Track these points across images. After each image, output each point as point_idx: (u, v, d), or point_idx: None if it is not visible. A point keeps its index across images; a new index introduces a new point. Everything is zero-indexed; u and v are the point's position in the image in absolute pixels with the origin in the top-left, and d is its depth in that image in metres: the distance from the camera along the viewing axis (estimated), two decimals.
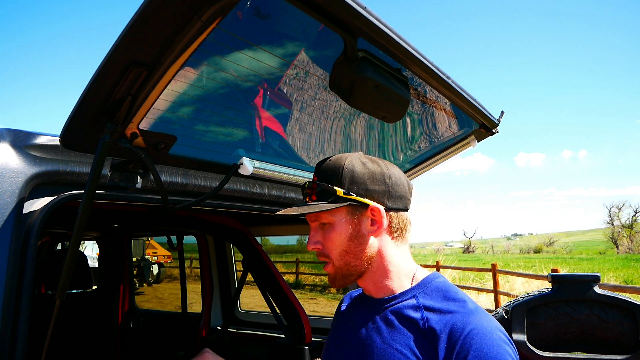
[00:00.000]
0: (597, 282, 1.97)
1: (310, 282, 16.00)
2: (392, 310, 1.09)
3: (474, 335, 0.92)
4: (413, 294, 1.10)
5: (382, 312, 1.11)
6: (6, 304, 1.01)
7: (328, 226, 1.09)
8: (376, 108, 1.25)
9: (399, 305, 1.09)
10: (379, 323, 1.09)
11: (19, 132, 1.16)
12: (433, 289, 1.09)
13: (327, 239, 1.10)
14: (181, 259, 3.81)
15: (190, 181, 1.48)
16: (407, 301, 1.09)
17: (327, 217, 1.09)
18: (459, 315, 0.98)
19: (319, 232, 1.11)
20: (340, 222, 1.08)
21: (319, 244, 1.11)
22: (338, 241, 1.08)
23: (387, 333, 1.05)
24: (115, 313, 4.07)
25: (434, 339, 0.96)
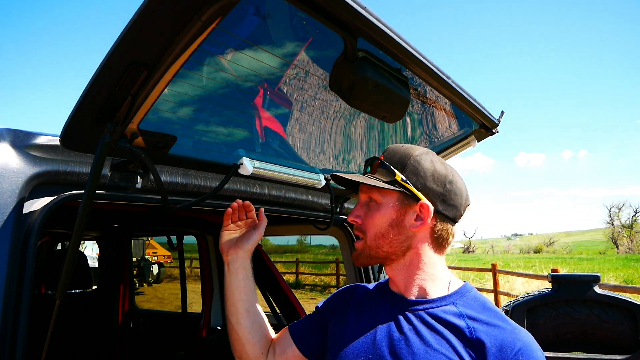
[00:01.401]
0: (597, 282, 1.97)
1: (310, 282, 16.00)
2: (431, 314, 1.08)
3: (524, 353, 0.96)
4: (452, 300, 1.10)
5: (417, 312, 1.09)
6: (6, 304, 1.01)
7: (374, 205, 1.13)
8: (376, 108, 1.25)
9: (438, 310, 1.08)
10: (416, 324, 1.07)
11: (19, 132, 1.16)
12: (472, 299, 1.11)
13: (368, 216, 1.13)
14: (181, 259, 3.81)
15: (190, 181, 1.48)
16: (446, 307, 1.09)
17: (377, 195, 1.12)
18: (508, 331, 1.01)
19: (364, 207, 1.15)
20: (387, 205, 1.11)
21: (360, 218, 1.14)
22: (378, 222, 1.11)
23: (429, 335, 1.04)
24: (115, 313, 4.07)
25: (483, 351, 0.98)
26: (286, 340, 1.29)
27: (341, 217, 2.20)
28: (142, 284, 5.59)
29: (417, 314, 1.09)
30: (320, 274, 16.19)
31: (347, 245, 2.40)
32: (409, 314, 1.10)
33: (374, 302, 1.21)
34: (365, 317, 1.17)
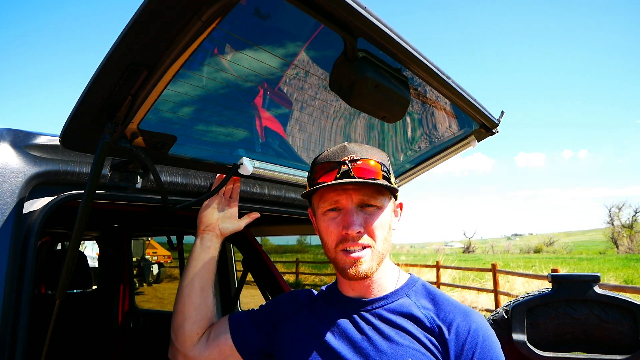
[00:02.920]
0: (597, 282, 1.97)
1: (310, 282, 16.00)
2: (388, 310, 1.09)
3: (478, 334, 1.03)
4: (404, 293, 1.13)
5: (374, 311, 1.10)
6: (6, 304, 1.01)
7: (374, 210, 1.07)
8: (376, 108, 1.25)
9: (394, 305, 1.10)
10: (375, 322, 1.08)
11: (19, 132, 1.16)
12: (421, 289, 1.15)
13: (370, 223, 1.06)
14: (181, 259, 3.81)
15: (190, 181, 1.48)
16: (400, 300, 1.11)
17: (381, 200, 1.08)
18: (462, 315, 1.05)
19: (360, 214, 1.06)
20: (386, 209, 1.09)
21: (362, 227, 1.05)
22: (384, 226, 1.08)
23: (390, 331, 1.05)
24: (115, 313, 4.07)
25: (442, 337, 1.03)
26: (223, 327, 1.27)
27: None
28: (142, 284, 5.58)
29: (374, 312, 1.10)
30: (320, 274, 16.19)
31: None
32: (366, 314, 1.10)
33: (327, 307, 1.18)
34: (319, 322, 1.15)
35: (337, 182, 1.03)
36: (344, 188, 1.05)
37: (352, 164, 1.05)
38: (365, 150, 1.09)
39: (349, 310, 1.12)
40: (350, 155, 1.06)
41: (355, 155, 1.06)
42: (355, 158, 1.05)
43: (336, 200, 1.06)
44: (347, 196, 1.05)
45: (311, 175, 1.13)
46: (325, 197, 1.07)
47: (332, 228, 1.06)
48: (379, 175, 1.05)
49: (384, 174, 1.07)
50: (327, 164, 1.08)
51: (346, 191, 1.05)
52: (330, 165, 1.07)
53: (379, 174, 1.05)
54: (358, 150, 1.07)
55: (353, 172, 1.04)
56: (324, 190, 1.08)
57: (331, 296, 1.21)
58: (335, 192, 1.06)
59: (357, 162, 1.05)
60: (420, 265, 15.64)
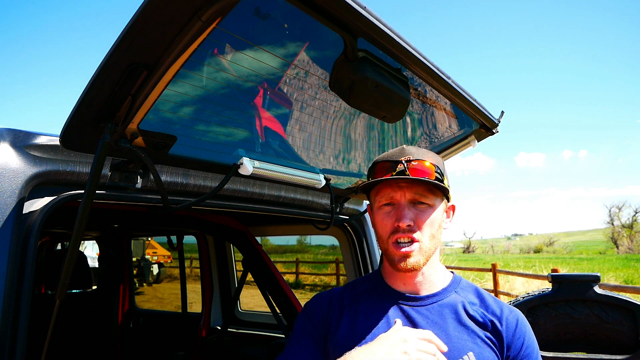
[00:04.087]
0: (597, 282, 1.97)
1: (310, 282, 15.99)
2: (443, 305, 1.17)
3: (525, 325, 1.16)
4: (453, 289, 1.22)
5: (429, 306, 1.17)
6: (6, 303, 1.01)
7: (425, 207, 1.15)
8: (376, 108, 1.25)
9: (447, 301, 1.18)
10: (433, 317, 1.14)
11: (19, 132, 1.16)
12: (466, 286, 1.25)
13: (421, 219, 1.14)
14: (181, 259, 3.81)
15: (190, 181, 1.47)
16: (451, 296, 1.20)
17: (432, 199, 1.15)
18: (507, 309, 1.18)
19: (412, 210, 1.14)
20: (438, 208, 1.17)
21: (412, 222, 1.13)
22: (433, 223, 1.15)
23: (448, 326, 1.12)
24: (115, 313, 4.08)
25: (495, 330, 1.13)
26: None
27: (341, 217, 2.20)
28: (142, 284, 5.58)
29: (429, 308, 1.17)
30: (320, 274, 16.19)
31: (347, 245, 2.39)
32: (421, 309, 1.17)
33: (376, 303, 1.21)
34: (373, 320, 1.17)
35: (390, 178, 1.13)
36: (399, 185, 1.14)
37: (408, 163, 1.14)
38: (422, 152, 1.18)
39: (403, 305, 1.18)
40: (407, 156, 1.15)
41: (412, 156, 1.15)
42: (412, 159, 1.15)
43: (391, 196, 1.15)
44: (401, 192, 1.14)
45: (371, 172, 1.22)
46: (382, 193, 1.16)
47: (386, 221, 1.15)
48: (432, 176, 1.14)
49: (437, 175, 1.15)
50: (386, 162, 1.17)
51: (400, 188, 1.14)
52: (389, 164, 1.16)
53: (432, 175, 1.14)
54: (415, 152, 1.17)
55: (409, 171, 1.13)
56: (381, 187, 1.17)
57: (378, 291, 1.24)
58: (390, 188, 1.15)
59: (413, 163, 1.14)
60: None
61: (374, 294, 1.23)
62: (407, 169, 1.13)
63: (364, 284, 1.29)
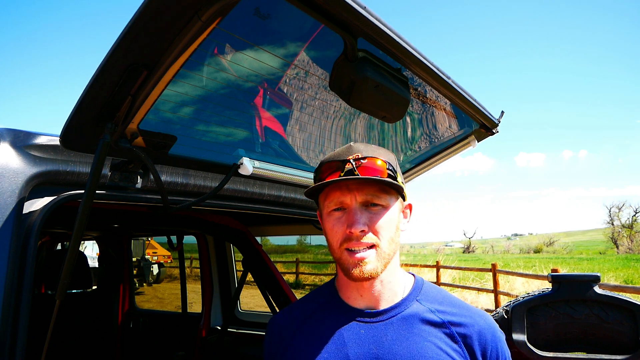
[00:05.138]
0: (597, 282, 1.97)
1: (310, 282, 16.00)
2: (404, 318, 1.05)
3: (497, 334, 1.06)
4: (414, 298, 1.10)
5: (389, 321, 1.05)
6: (6, 304, 1.01)
7: (379, 209, 1.03)
8: (376, 108, 1.25)
9: (408, 312, 1.06)
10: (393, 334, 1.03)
11: (19, 132, 1.16)
12: (429, 291, 1.13)
13: (375, 222, 1.02)
14: (181, 259, 3.81)
15: (190, 181, 1.48)
16: (413, 306, 1.08)
17: (386, 199, 1.04)
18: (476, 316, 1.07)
19: (364, 213, 1.02)
20: (393, 208, 1.06)
21: (366, 226, 1.01)
22: (390, 226, 1.04)
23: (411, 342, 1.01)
24: (115, 313, 4.08)
25: (465, 340, 1.03)
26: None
27: None
28: (142, 284, 5.58)
29: (389, 322, 1.05)
30: (320, 274, 16.19)
31: None
32: (380, 325, 1.05)
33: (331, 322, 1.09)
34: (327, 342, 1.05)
35: (338, 180, 1.01)
36: (348, 187, 1.03)
37: (357, 162, 1.03)
38: (372, 149, 1.06)
39: (361, 322, 1.06)
40: (355, 154, 1.04)
41: (360, 154, 1.04)
42: (360, 157, 1.03)
43: (341, 200, 1.04)
44: (352, 195, 1.03)
45: (317, 175, 1.11)
46: (330, 197, 1.05)
47: (337, 227, 1.04)
48: (383, 174, 1.03)
49: (389, 172, 1.04)
50: (332, 163, 1.06)
51: (350, 190, 1.03)
52: (335, 165, 1.05)
53: (384, 173, 1.03)
54: (364, 149, 1.06)
55: (357, 171, 1.02)
56: (329, 190, 1.06)
57: (332, 309, 1.11)
58: (340, 192, 1.03)
59: (362, 161, 1.03)
60: (420, 265, 15.64)
61: (328, 312, 1.11)
62: (355, 169, 1.02)
63: (316, 301, 1.16)
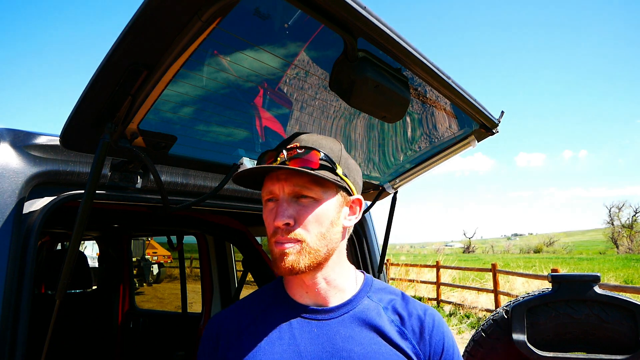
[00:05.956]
0: (597, 282, 1.97)
1: None
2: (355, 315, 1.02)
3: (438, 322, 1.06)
4: (365, 294, 1.08)
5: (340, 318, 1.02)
6: (6, 304, 1.01)
7: (310, 202, 0.97)
8: (376, 108, 1.25)
9: (359, 309, 1.04)
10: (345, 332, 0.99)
11: (19, 132, 1.16)
12: (379, 288, 1.12)
13: (304, 215, 0.96)
14: (181, 259, 3.81)
15: (190, 181, 1.48)
16: (364, 302, 1.06)
17: (319, 192, 0.97)
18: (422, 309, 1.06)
19: (292, 205, 0.96)
20: (328, 202, 0.99)
21: (292, 219, 0.95)
22: (321, 220, 0.97)
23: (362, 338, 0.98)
24: (115, 313, 4.08)
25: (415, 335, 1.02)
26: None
27: None
28: (142, 284, 5.59)
29: (340, 320, 1.02)
30: None
31: (347, 245, 2.39)
32: (331, 322, 1.01)
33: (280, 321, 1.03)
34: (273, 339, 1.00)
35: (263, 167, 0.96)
36: (278, 177, 0.97)
37: (291, 152, 0.97)
38: (314, 139, 1.02)
39: (311, 320, 1.01)
40: (294, 144, 1.00)
41: (300, 143, 1.00)
42: (298, 146, 0.98)
43: (271, 190, 0.98)
44: (280, 185, 0.97)
45: (258, 162, 1.06)
46: (265, 187, 1.01)
47: (269, 219, 0.98)
48: (314, 165, 0.97)
49: (322, 163, 0.98)
50: (269, 151, 1.02)
51: (279, 180, 0.97)
52: (270, 153, 1.01)
53: (315, 164, 0.97)
54: (305, 139, 1.01)
55: (290, 162, 0.96)
56: (266, 180, 1.01)
57: (281, 306, 1.06)
58: (271, 182, 0.99)
59: (298, 151, 0.97)
60: (420, 265, 15.65)
61: (276, 310, 1.05)
62: (287, 160, 0.96)
63: (264, 299, 1.10)
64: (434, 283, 13.29)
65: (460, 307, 11.88)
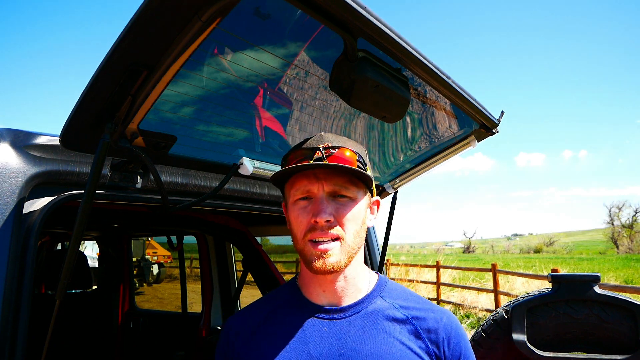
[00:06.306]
0: (597, 282, 1.97)
1: None
2: (367, 315, 1.03)
3: (456, 326, 1.07)
4: (378, 294, 1.08)
5: (352, 317, 1.03)
6: (6, 304, 1.01)
7: (347, 201, 1.00)
8: (376, 108, 1.25)
9: (372, 308, 1.05)
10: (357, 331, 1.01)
11: (19, 132, 1.16)
12: (392, 288, 1.12)
13: (342, 213, 0.98)
14: (181, 259, 3.81)
15: (190, 181, 1.48)
16: (377, 302, 1.06)
17: (354, 191, 1.00)
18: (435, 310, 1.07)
19: (331, 204, 0.98)
20: (361, 201, 1.02)
21: (333, 217, 0.97)
22: (356, 219, 1.00)
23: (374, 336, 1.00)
24: (115, 313, 4.08)
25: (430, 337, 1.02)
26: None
27: None
28: (142, 284, 5.58)
29: (351, 319, 1.03)
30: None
31: None
32: (342, 322, 1.02)
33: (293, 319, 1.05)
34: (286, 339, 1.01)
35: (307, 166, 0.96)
36: (316, 176, 0.98)
37: (327, 151, 0.99)
38: (343, 140, 1.04)
39: (323, 320, 1.03)
40: (325, 143, 1.01)
41: (331, 143, 1.01)
42: (330, 146, 1.00)
43: (308, 189, 0.99)
44: (319, 184, 0.98)
45: (284, 162, 1.07)
46: (297, 186, 1.00)
47: (302, 217, 0.99)
48: (353, 165, 1.00)
49: (359, 164, 1.01)
50: (300, 151, 1.02)
51: (318, 179, 0.98)
52: (305, 153, 1.01)
53: (353, 164, 1.00)
54: (334, 139, 1.03)
55: (327, 160, 0.98)
56: (296, 178, 1.01)
57: (295, 306, 1.08)
58: (307, 180, 0.99)
59: (332, 151, 0.99)
60: (420, 265, 15.64)
61: (289, 311, 1.07)
62: (325, 158, 0.98)
63: (276, 300, 1.12)
64: (434, 283, 13.29)
65: (460, 307, 11.88)
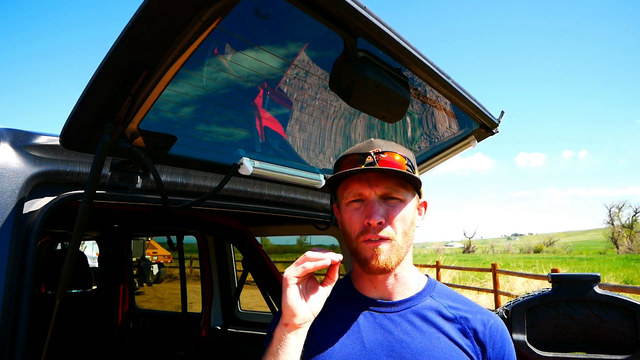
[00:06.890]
0: (597, 282, 1.97)
1: None
2: (416, 312, 1.09)
3: (503, 329, 1.11)
4: (428, 294, 1.14)
5: (402, 312, 1.09)
6: (6, 304, 1.01)
7: (397, 203, 1.06)
8: (376, 108, 1.25)
9: (421, 306, 1.11)
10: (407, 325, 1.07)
11: (19, 132, 1.16)
12: (441, 289, 1.17)
13: (393, 215, 1.05)
14: (181, 259, 3.81)
15: (190, 181, 1.48)
16: (426, 301, 1.12)
17: (404, 193, 1.07)
18: (484, 313, 1.12)
19: (382, 205, 1.05)
20: (410, 203, 1.08)
21: (383, 218, 1.03)
22: (405, 220, 1.06)
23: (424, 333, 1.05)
24: (115, 313, 4.08)
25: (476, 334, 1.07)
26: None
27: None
28: (142, 284, 5.58)
29: (402, 314, 1.09)
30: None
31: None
32: (393, 316, 1.09)
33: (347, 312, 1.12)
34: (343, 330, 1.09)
35: (360, 170, 1.04)
36: (368, 179, 1.06)
37: (377, 156, 1.06)
38: (391, 145, 1.10)
39: (375, 312, 1.10)
40: (375, 149, 1.08)
41: (381, 148, 1.08)
42: (380, 151, 1.07)
43: (360, 192, 1.06)
44: (371, 187, 1.06)
45: (337, 167, 1.14)
46: (349, 189, 1.08)
47: (355, 218, 1.06)
48: (403, 168, 1.06)
49: (408, 168, 1.08)
50: (352, 156, 1.09)
51: (370, 182, 1.06)
52: (355, 158, 1.08)
53: (403, 168, 1.06)
54: (384, 144, 1.09)
55: (378, 164, 1.05)
56: (349, 182, 1.09)
57: (348, 299, 1.15)
58: (359, 183, 1.07)
59: (382, 155, 1.06)
60: (420, 265, 15.64)
61: (344, 302, 1.15)
62: (376, 162, 1.05)
63: (333, 292, 1.13)
64: None
65: None
